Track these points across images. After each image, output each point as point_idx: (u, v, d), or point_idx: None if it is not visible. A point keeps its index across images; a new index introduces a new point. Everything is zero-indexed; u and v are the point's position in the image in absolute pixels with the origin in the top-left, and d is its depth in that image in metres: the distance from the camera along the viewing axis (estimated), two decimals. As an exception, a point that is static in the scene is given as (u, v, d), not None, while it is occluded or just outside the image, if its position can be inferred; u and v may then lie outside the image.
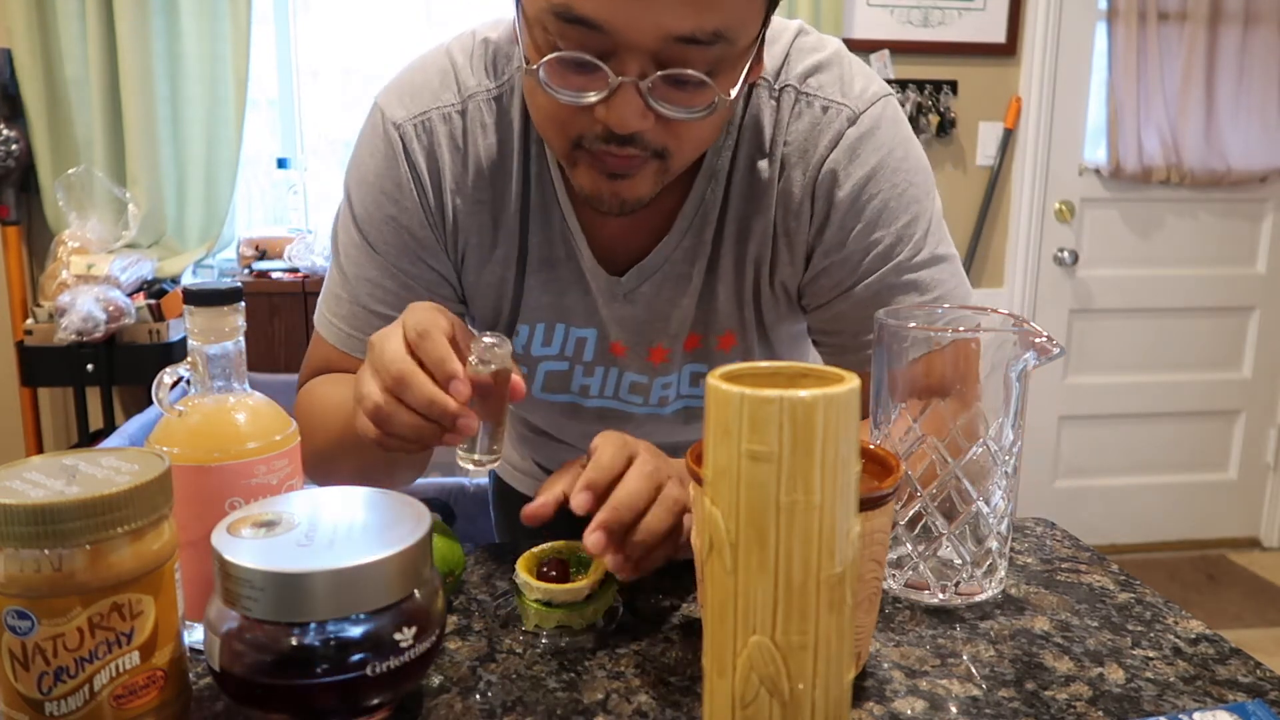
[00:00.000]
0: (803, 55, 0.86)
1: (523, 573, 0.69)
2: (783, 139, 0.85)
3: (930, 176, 0.89)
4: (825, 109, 0.84)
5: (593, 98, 0.71)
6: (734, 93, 0.73)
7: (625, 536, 0.67)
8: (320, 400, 0.90)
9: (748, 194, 0.87)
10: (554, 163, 0.87)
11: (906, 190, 0.85)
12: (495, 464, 0.71)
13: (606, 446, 0.69)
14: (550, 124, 0.76)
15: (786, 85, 0.85)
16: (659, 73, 0.69)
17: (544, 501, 0.70)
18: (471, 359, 0.67)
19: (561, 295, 0.91)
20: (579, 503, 0.66)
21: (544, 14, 0.69)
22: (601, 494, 0.67)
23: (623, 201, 0.78)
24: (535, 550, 0.72)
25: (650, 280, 0.90)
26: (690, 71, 0.69)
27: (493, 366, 0.68)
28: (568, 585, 0.67)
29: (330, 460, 0.87)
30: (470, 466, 0.70)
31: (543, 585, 0.67)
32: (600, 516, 0.66)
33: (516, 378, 0.69)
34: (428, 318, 0.68)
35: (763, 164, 0.86)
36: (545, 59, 0.71)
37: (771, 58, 0.85)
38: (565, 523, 0.71)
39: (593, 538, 0.65)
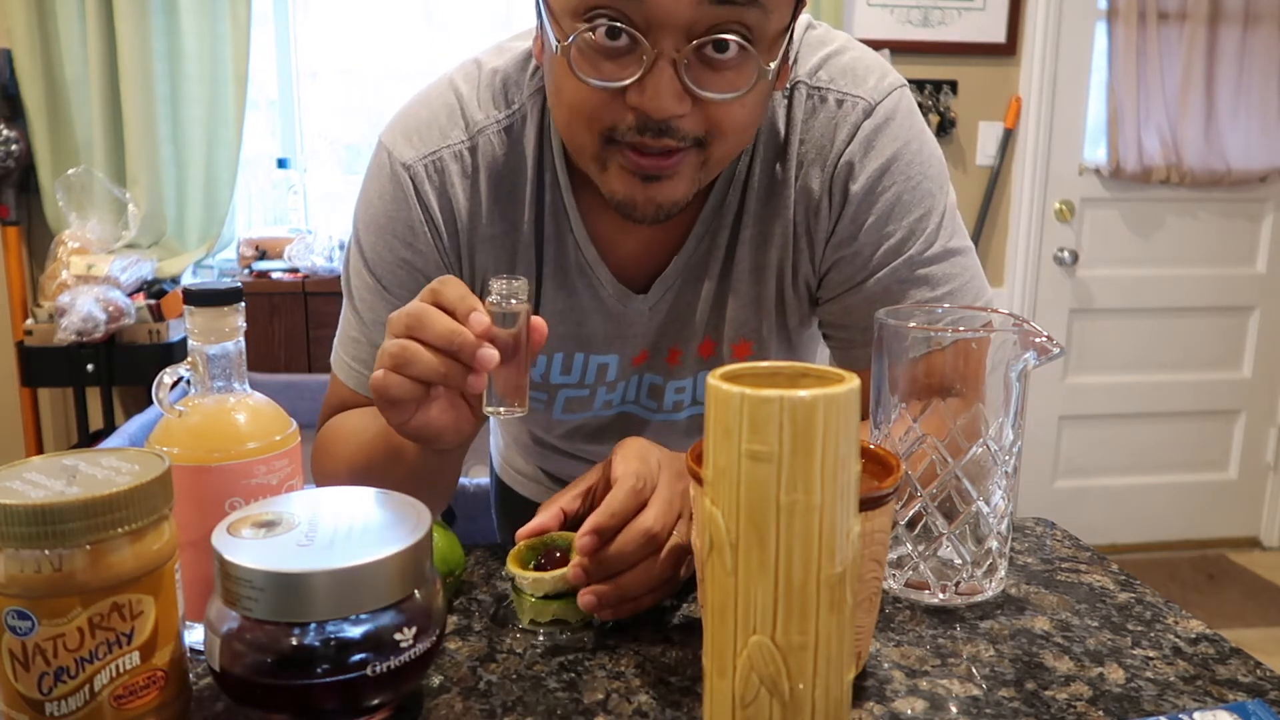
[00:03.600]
0: (812, 49, 0.85)
1: (512, 566, 0.68)
2: (798, 138, 0.84)
3: (944, 168, 0.87)
4: (840, 102, 0.83)
5: (626, 81, 0.69)
6: (773, 66, 0.71)
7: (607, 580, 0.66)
8: (344, 436, 0.88)
9: (765, 197, 0.85)
10: (568, 188, 0.85)
11: (920, 184, 0.84)
12: (521, 412, 0.69)
13: (623, 482, 0.66)
14: (579, 120, 0.73)
15: (798, 82, 0.83)
16: (696, 40, 0.68)
17: (542, 523, 0.70)
18: (491, 297, 0.67)
19: (580, 325, 0.90)
20: (583, 545, 0.65)
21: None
22: (609, 540, 0.65)
23: (658, 206, 0.75)
24: (529, 542, 0.71)
25: (671, 289, 0.89)
26: (728, 37, 0.68)
27: (513, 301, 0.67)
28: (557, 572, 0.67)
29: None
30: (493, 416, 0.69)
31: (531, 574, 0.67)
32: (589, 566, 0.65)
33: (537, 318, 0.68)
34: (443, 276, 0.68)
35: (779, 165, 0.85)
36: (579, 32, 0.69)
37: None
38: (564, 526, 0.71)
39: (575, 572, 0.66)
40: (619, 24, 0.68)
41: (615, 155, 0.74)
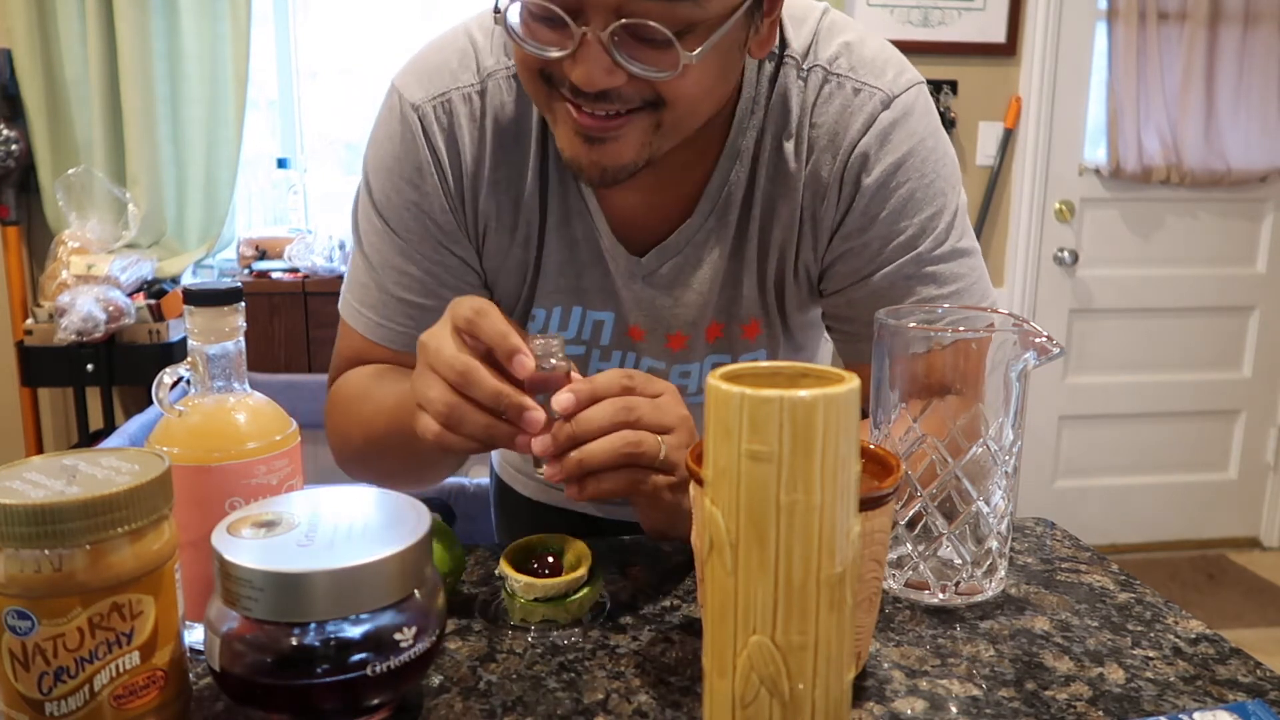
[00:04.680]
0: (831, 35, 0.84)
1: (505, 565, 0.69)
2: (810, 121, 0.84)
3: (957, 169, 0.87)
4: (857, 91, 0.83)
5: (557, 53, 0.70)
6: (696, 54, 0.70)
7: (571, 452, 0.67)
8: (360, 397, 0.88)
9: (774, 176, 0.86)
10: None
11: (934, 181, 0.84)
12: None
13: (613, 371, 0.69)
14: (527, 73, 0.75)
15: (815, 65, 0.84)
16: (620, 22, 0.68)
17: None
18: (536, 356, 0.67)
19: (579, 276, 0.90)
20: (560, 404, 0.66)
21: None
22: (583, 406, 0.67)
23: (603, 170, 0.75)
24: (522, 543, 0.72)
25: (671, 262, 0.89)
26: (651, 24, 0.68)
27: (554, 363, 0.67)
28: (548, 580, 0.67)
29: (369, 460, 0.86)
30: (541, 476, 0.70)
31: (523, 578, 0.68)
32: (555, 428, 0.66)
33: (576, 375, 0.68)
34: (478, 302, 0.68)
35: (789, 146, 0.85)
36: (509, 5, 0.71)
37: (799, 38, 0.84)
38: (563, 524, 0.71)
39: (539, 441, 0.66)
40: (549, 5, 0.69)
41: (560, 109, 0.74)
